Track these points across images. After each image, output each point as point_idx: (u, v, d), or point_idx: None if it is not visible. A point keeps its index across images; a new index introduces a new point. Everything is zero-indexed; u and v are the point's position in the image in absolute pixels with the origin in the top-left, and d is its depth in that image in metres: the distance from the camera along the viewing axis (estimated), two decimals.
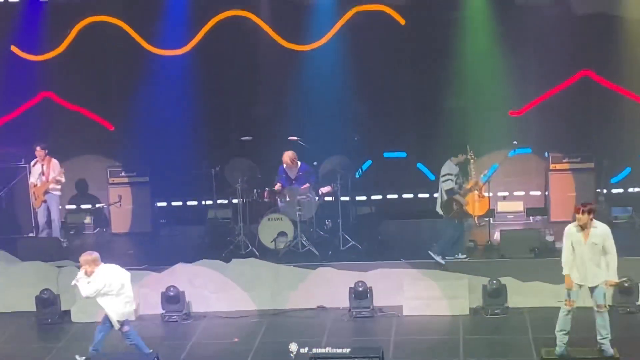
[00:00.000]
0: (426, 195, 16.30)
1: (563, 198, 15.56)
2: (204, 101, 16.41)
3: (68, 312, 13.72)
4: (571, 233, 11.27)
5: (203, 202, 16.77)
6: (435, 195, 14.40)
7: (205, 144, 16.44)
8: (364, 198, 16.53)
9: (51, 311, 13.66)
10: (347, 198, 15.45)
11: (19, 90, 16.42)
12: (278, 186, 15.03)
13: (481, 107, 16.02)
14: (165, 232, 16.39)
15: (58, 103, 16.60)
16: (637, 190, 16.21)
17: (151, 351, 11.45)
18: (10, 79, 16.38)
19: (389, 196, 16.75)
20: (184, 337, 12.97)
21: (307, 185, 14.90)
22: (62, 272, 14.19)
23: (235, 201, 15.28)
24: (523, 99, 16.04)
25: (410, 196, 16.63)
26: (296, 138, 15.19)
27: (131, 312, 11.78)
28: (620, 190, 16.23)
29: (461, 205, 13.88)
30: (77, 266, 14.22)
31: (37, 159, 15.46)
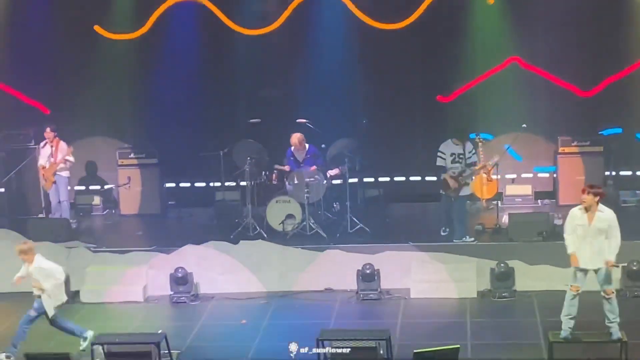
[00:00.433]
0: (434, 178, 16.26)
1: (572, 181, 15.53)
2: (213, 83, 16.40)
3: (77, 293, 13.76)
4: (575, 216, 11.24)
5: (211, 184, 16.80)
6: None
7: (213, 126, 16.45)
8: (372, 180, 16.53)
9: None
10: (355, 180, 15.45)
11: None
12: (286, 167, 15.06)
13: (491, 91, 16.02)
14: (173, 214, 16.43)
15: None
16: None
17: (160, 332, 11.50)
18: None
19: (397, 179, 16.75)
20: (192, 318, 13.00)
21: (315, 167, 14.91)
22: (72, 253, 14.25)
23: (243, 183, 15.28)
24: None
25: (417, 179, 16.63)
26: (305, 120, 15.20)
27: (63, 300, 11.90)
28: (629, 173, 16.19)
29: (447, 184, 13.99)
30: (87, 247, 14.38)
31: (47, 141, 15.47)
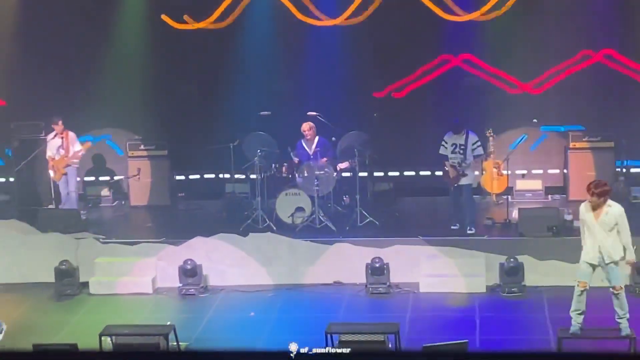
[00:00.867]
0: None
1: (582, 177, 15.46)
2: (223, 75, 16.38)
3: (86, 284, 13.78)
4: (582, 210, 11.26)
5: (221, 176, 16.80)
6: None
7: (224, 118, 16.42)
8: (382, 175, 16.51)
9: (70, 282, 13.70)
10: (365, 174, 15.43)
11: None
12: (295, 160, 15.03)
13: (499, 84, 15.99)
14: (183, 206, 16.44)
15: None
16: None
17: (169, 323, 11.51)
18: None
19: (406, 173, 16.72)
20: (201, 311, 13.02)
21: (325, 159, 14.89)
22: (81, 244, 14.27)
23: (253, 176, 15.28)
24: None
25: (427, 173, 16.60)
26: (315, 113, 15.18)
27: None
28: (639, 170, 16.13)
29: (447, 173, 14.12)
30: (96, 238, 14.39)
31: (56, 133, 15.46)
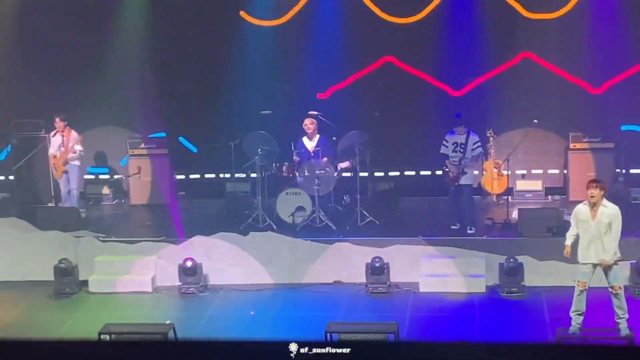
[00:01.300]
0: None
1: (582, 178, 15.46)
2: (224, 74, 16.37)
3: (86, 282, 13.79)
4: (580, 211, 11.25)
5: (221, 175, 16.80)
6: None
7: (224, 117, 16.42)
8: (382, 174, 16.51)
9: (69, 281, 13.70)
10: (366, 174, 15.43)
11: None
12: (296, 159, 15.03)
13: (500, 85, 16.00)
14: (183, 205, 16.44)
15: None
16: None
17: (168, 322, 11.50)
18: None
19: (407, 173, 16.72)
20: (201, 309, 13.02)
21: (326, 158, 14.89)
22: (81, 242, 14.27)
23: (253, 175, 15.27)
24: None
25: (427, 173, 16.60)
26: (316, 113, 15.18)
27: None
28: (639, 171, 16.14)
29: (447, 172, 14.16)
30: (96, 236, 14.39)
31: (57, 130, 15.48)
